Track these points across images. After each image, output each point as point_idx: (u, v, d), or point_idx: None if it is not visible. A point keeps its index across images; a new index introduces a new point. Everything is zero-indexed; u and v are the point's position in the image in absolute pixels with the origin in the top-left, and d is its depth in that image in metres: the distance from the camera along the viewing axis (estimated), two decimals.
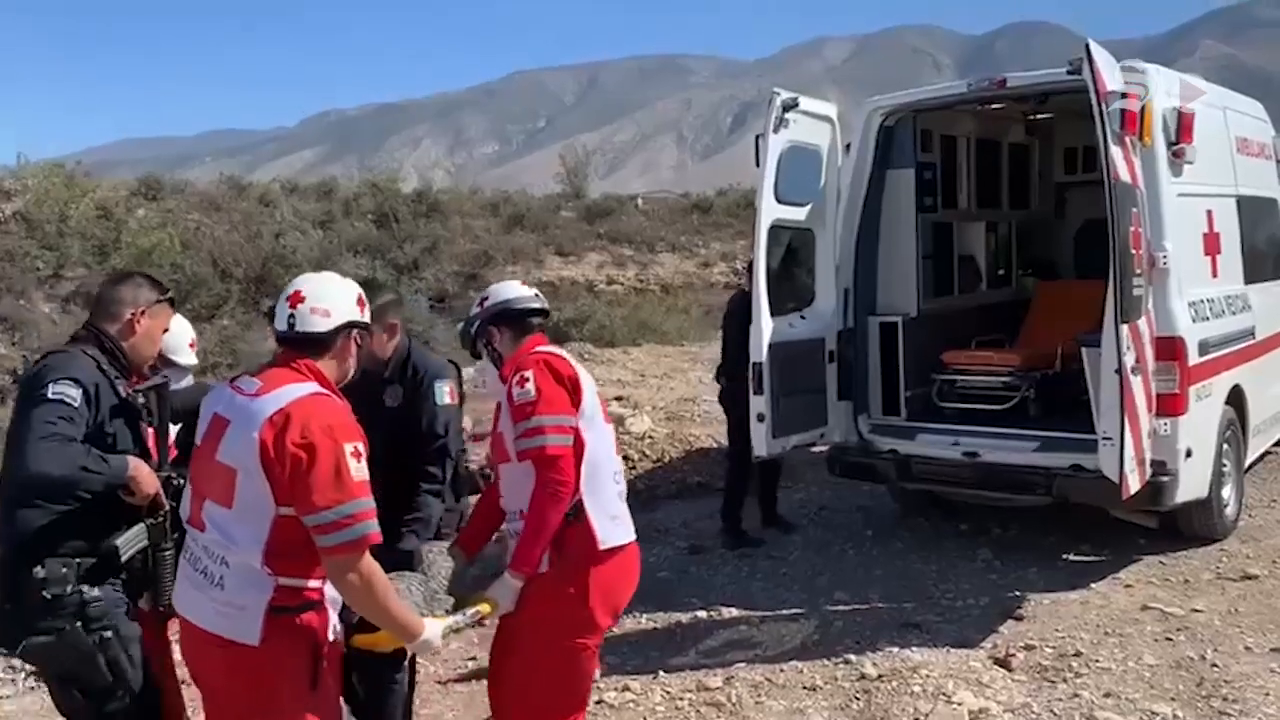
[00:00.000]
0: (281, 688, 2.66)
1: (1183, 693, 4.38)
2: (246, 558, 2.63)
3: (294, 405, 2.64)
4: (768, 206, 6.10)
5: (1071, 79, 5.53)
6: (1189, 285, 5.94)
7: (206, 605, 2.68)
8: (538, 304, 3.46)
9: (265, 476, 2.59)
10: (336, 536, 2.58)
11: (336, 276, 2.99)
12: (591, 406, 3.26)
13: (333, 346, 2.83)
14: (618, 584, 3.28)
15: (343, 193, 27.76)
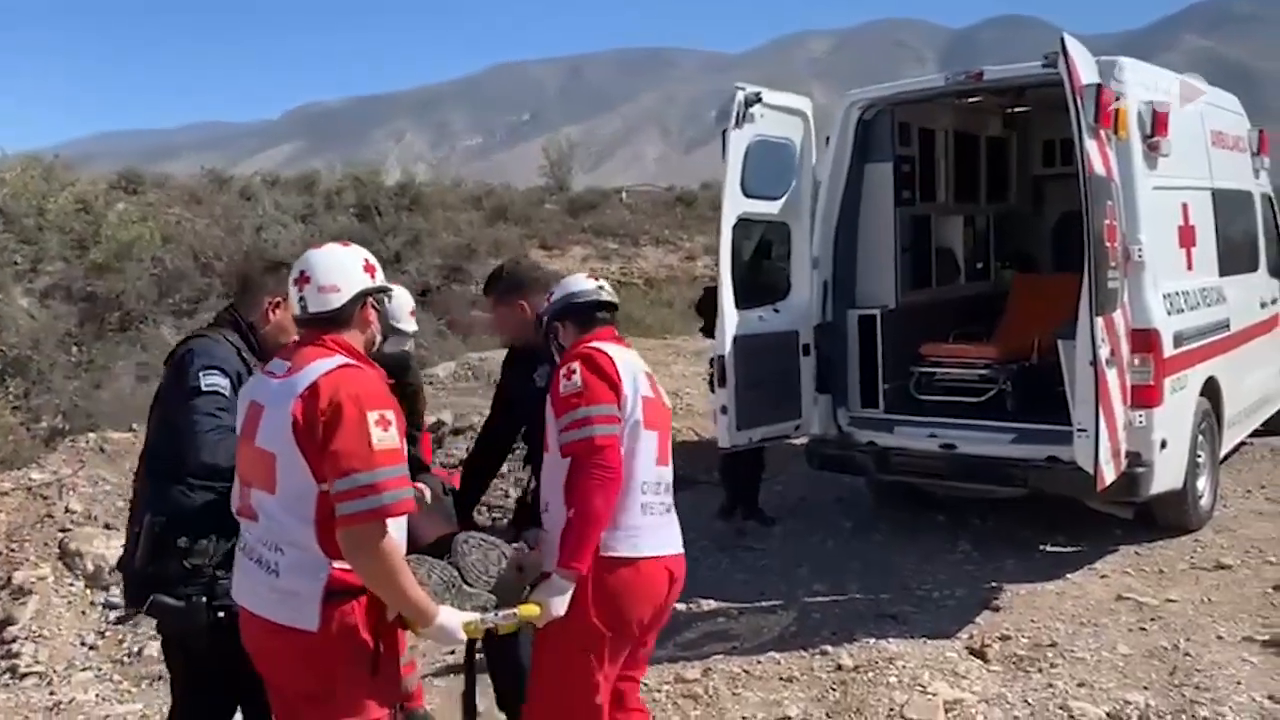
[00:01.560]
0: (340, 673, 2.68)
1: (1155, 681, 4.42)
2: (300, 540, 2.64)
3: (323, 378, 2.65)
4: (732, 200, 6.15)
5: (1047, 72, 5.56)
6: (1164, 278, 5.98)
7: (264, 593, 2.71)
8: (601, 297, 3.35)
9: (301, 454, 2.61)
10: (352, 505, 2.55)
11: (338, 247, 2.93)
12: (631, 411, 3.12)
13: (350, 319, 2.82)
14: (623, 596, 3.08)
15: (324, 186, 27.59)
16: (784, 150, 6.52)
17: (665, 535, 3.20)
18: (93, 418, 10.31)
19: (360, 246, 2.99)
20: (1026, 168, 9.01)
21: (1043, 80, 6.10)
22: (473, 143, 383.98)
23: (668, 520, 3.22)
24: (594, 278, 3.45)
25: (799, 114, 6.57)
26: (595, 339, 3.26)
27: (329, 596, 2.63)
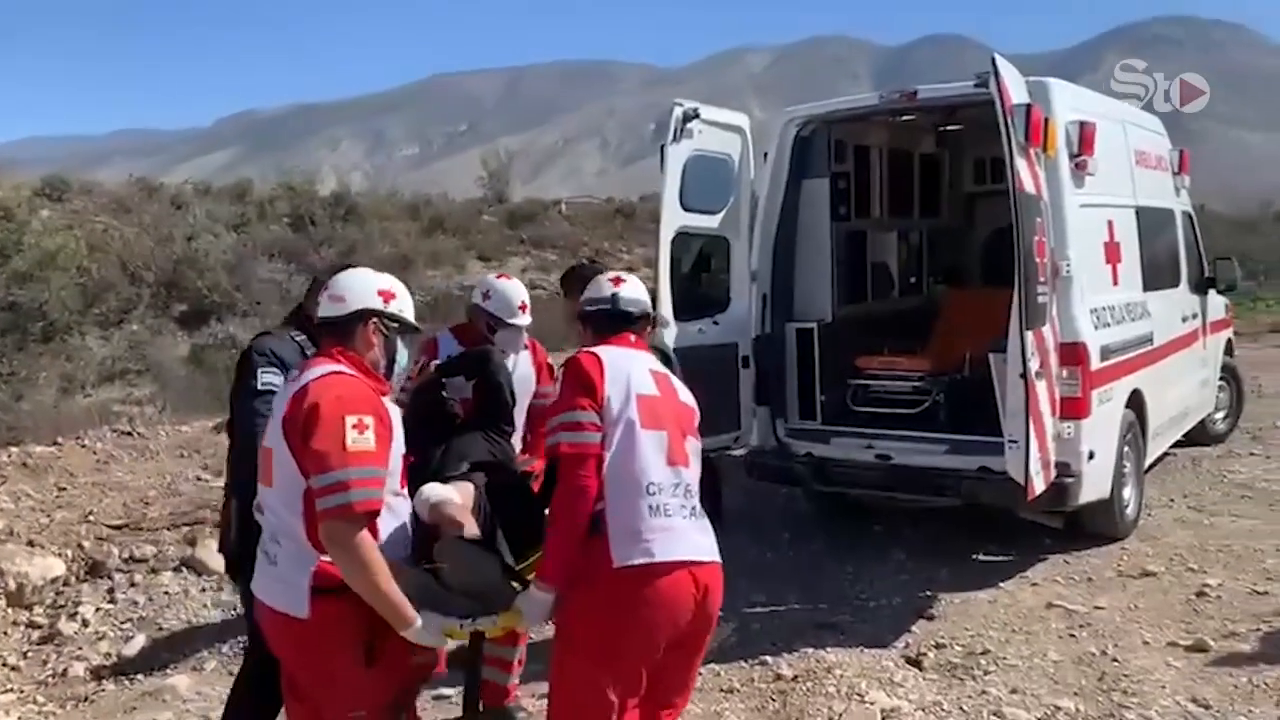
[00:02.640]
0: (334, 660, 2.85)
1: (1085, 687, 4.53)
2: (293, 533, 2.83)
3: (314, 381, 2.85)
4: (670, 214, 6.23)
5: (978, 92, 5.68)
6: (1091, 293, 6.14)
7: (269, 583, 2.92)
8: (608, 305, 3.29)
9: (290, 451, 2.80)
10: (325, 500, 2.71)
11: (365, 269, 3.15)
12: (620, 411, 3.00)
13: (353, 334, 2.97)
14: (632, 607, 2.92)
15: (258, 195, 27.18)
16: (722, 165, 6.59)
17: (685, 540, 3.00)
18: (15, 431, 10.02)
19: (390, 276, 3.13)
20: (958, 185, 9.20)
21: (974, 100, 6.23)
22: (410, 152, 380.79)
23: (690, 524, 3.03)
24: (616, 282, 3.36)
25: (737, 130, 6.66)
26: (608, 344, 3.20)
27: (317, 587, 2.79)
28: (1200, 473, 8.27)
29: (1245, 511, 7.14)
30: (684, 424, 3.17)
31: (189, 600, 6.25)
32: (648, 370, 3.18)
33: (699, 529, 3.07)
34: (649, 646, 2.98)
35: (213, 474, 8.40)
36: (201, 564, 6.66)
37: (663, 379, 3.21)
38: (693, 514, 3.06)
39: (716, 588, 3.08)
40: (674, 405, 3.17)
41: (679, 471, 3.06)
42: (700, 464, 3.20)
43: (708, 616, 3.07)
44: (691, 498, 3.08)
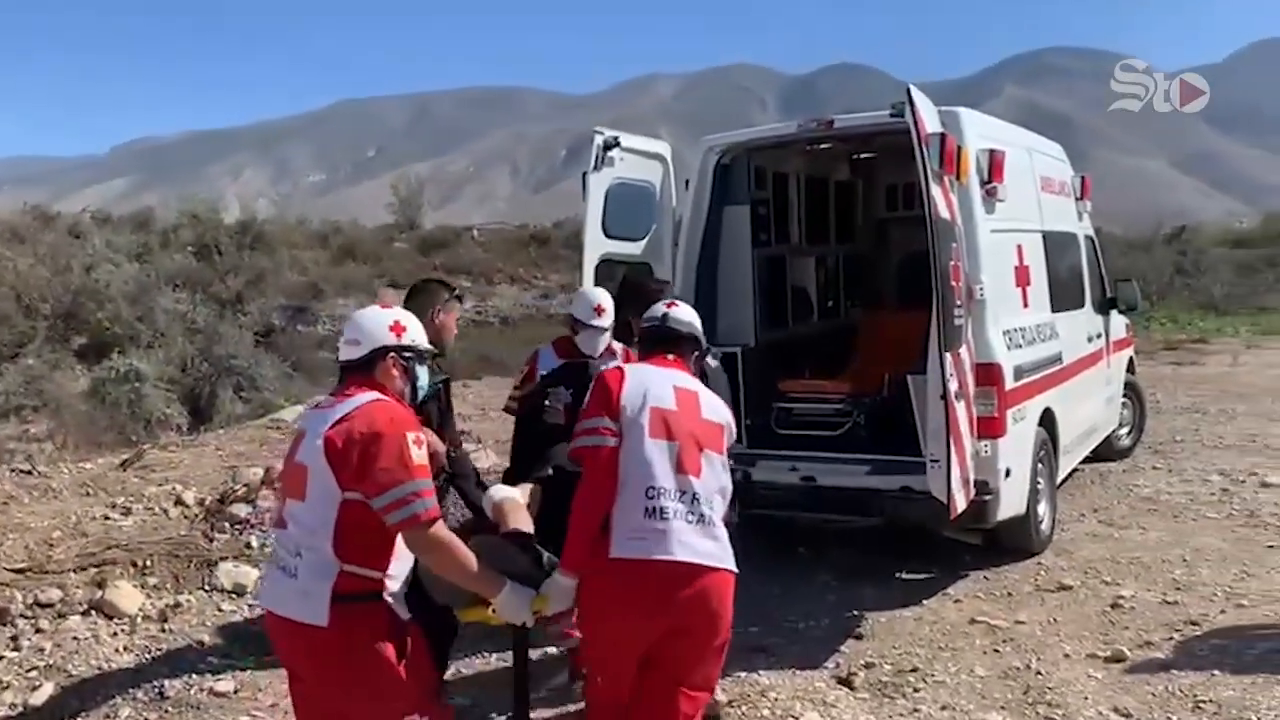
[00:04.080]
0: (355, 671, 2.98)
1: (1011, 701, 4.63)
2: (318, 543, 2.98)
3: (359, 407, 3.03)
4: (593, 240, 6.25)
5: (894, 121, 5.83)
6: (1003, 315, 6.32)
7: (286, 595, 3.03)
8: (647, 324, 3.77)
9: (329, 466, 2.95)
10: (401, 513, 2.93)
11: (375, 308, 3.37)
12: (632, 419, 3.32)
13: (373, 369, 3.18)
14: (600, 598, 3.26)
15: (160, 223, 26.50)
16: (644, 192, 6.64)
17: (681, 542, 3.23)
18: None
19: (402, 310, 3.38)
20: (871, 211, 9.41)
21: (889, 129, 6.39)
22: (316, 179, 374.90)
23: (691, 529, 3.26)
24: (670, 305, 3.80)
25: (658, 157, 6.72)
26: (649, 360, 3.64)
27: (337, 597, 2.95)
28: (1108, 487, 8.55)
29: (1152, 524, 7.40)
30: (704, 439, 3.41)
31: (99, 645, 6.00)
32: (672, 386, 3.47)
33: (702, 534, 3.28)
34: (634, 633, 3.27)
35: (120, 512, 8.11)
36: (112, 607, 6.41)
37: (687, 395, 3.48)
38: (700, 520, 3.29)
39: (717, 590, 3.29)
40: (693, 420, 3.42)
41: (687, 480, 3.30)
42: (722, 477, 3.43)
43: (711, 615, 3.29)
44: (700, 505, 3.31)
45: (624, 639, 3.29)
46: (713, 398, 3.59)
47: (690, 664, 3.35)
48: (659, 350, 3.67)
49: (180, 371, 16.00)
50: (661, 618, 3.23)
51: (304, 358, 19.68)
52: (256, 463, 9.79)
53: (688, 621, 3.26)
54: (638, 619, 3.25)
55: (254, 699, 5.28)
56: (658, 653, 3.30)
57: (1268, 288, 29.60)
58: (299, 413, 3.91)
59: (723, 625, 3.34)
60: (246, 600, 6.79)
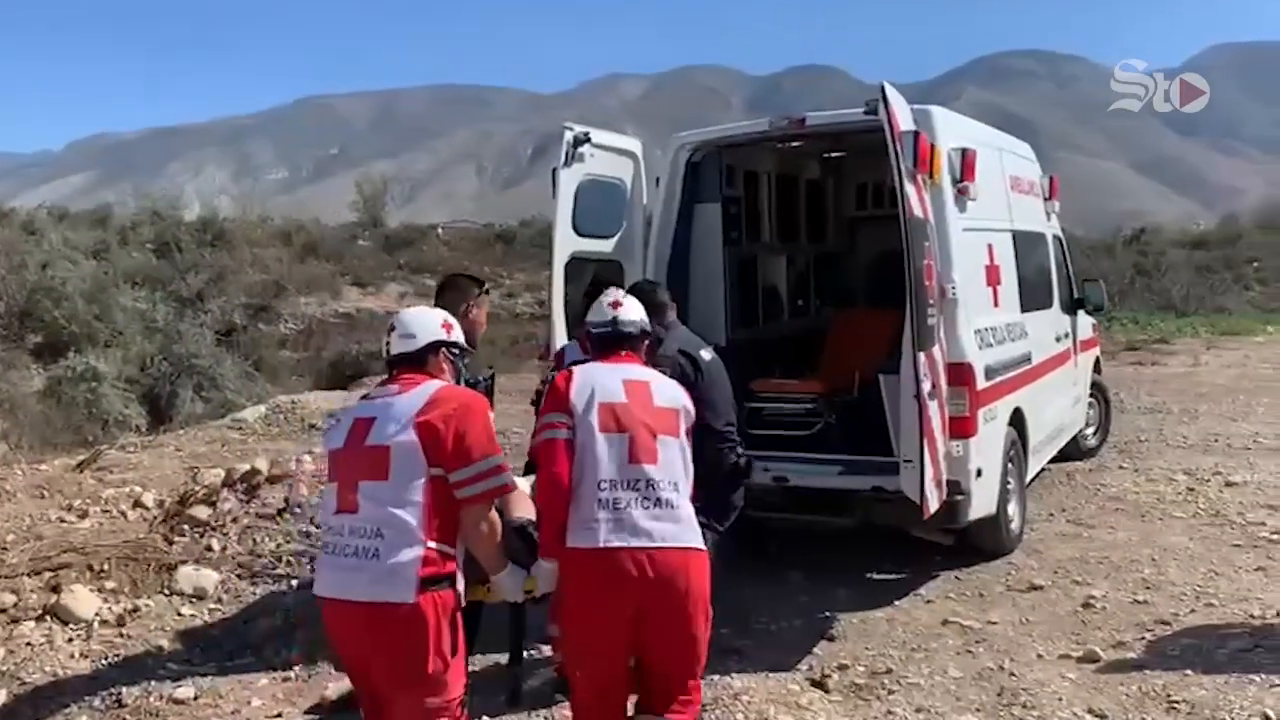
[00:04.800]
0: (430, 649, 3.10)
1: (986, 703, 4.61)
2: (404, 520, 3.10)
3: (439, 391, 3.26)
4: (563, 238, 6.15)
5: (867, 119, 5.80)
6: (975, 314, 6.30)
7: (360, 580, 3.11)
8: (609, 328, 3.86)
9: (422, 448, 3.13)
10: (487, 483, 3.17)
11: (425, 308, 3.70)
12: (582, 416, 3.51)
13: (425, 362, 3.40)
14: (566, 586, 3.47)
15: (119, 220, 26.04)
16: (615, 189, 6.56)
17: (634, 528, 3.40)
18: None
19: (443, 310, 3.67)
20: (841, 210, 9.39)
21: (861, 127, 6.37)
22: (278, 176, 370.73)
23: (645, 514, 3.42)
24: (615, 306, 3.91)
25: (629, 154, 6.64)
26: (602, 359, 3.80)
27: (423, 576, 3.09)
28: (1075, 487, 8.58)
29: (1120, 523, 7.43)
30: (657, 426, 3.56)
31: (54, 651, 5.84)
32: (621, 380, 3.63)
33: (658, 518, 3.44)
34: (599, 619, 3.43)
35: (76, 514, 7.92)
36: (67, 611, 6.25)
37: (638, 386, 3.64)
38: (656, 504, 3.45)
39: (678, 568, 3.42)
40: (646, 410, 3.57)
41: (640, 469, 3.48)
42: (678, 458, 3.58)
43: (675, 593, 3.42)
44: (656, 490, 3.47)
45: (592, 624, 3.45)
46: (666, 384, 3.74)
47: (665, 645, 3.47)
48: (611, 350, 3.81)
49: (139, 371, 15.75)
50: (622, 600, 3.39)
51: (266, 357, 19.41)
52: (217, 464, 9.62)
53: (651, 602, 3.40)
54: (600, 603, 3.41)
55: (215, 706, 5.16)
56: (637, 643, 3.46)
57: (1225, 289, 30.04)
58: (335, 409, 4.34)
59: (691, 602, 3.46)
60: (207, 605, 6.64)
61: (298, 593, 6.82)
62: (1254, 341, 20.41)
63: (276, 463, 8.92)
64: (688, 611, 3.47)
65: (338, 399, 13.79)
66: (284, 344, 21.88)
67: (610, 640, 3.45)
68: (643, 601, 3.40)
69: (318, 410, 12.88)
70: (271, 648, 5.89)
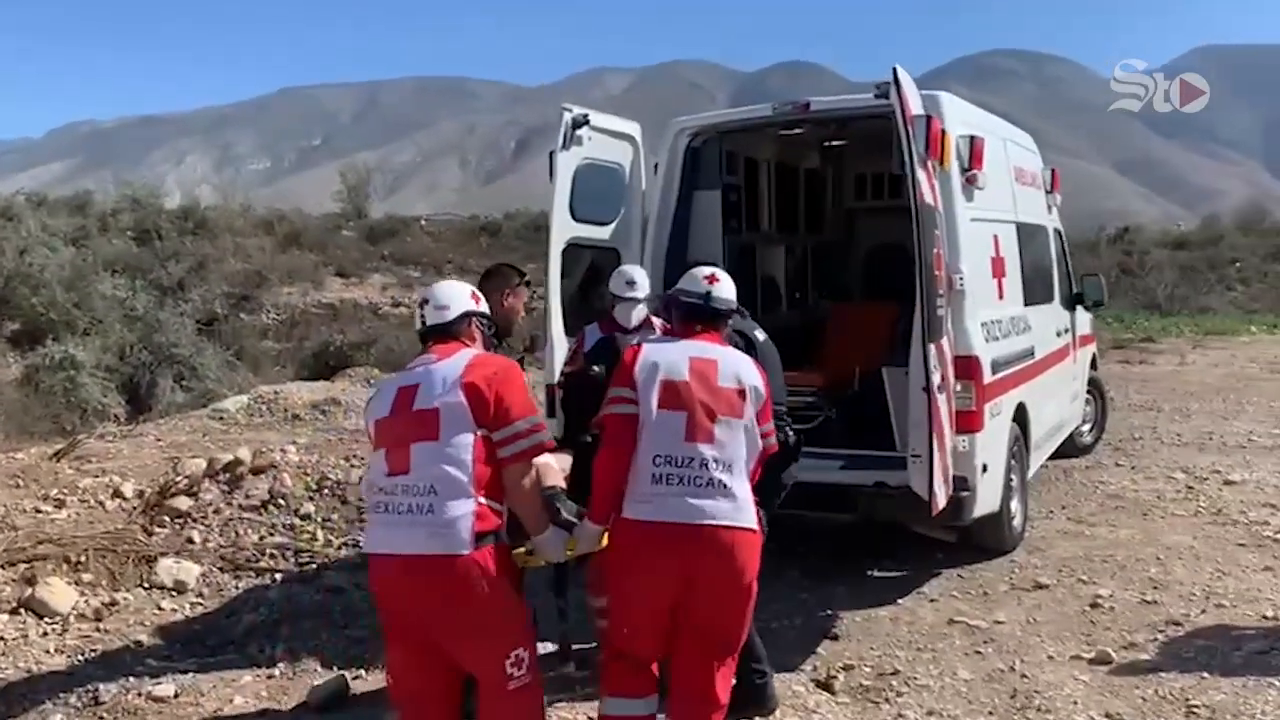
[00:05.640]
0: (498, 590, 3.21)
1: (999, 706, 4.46)
2: (456, 477, 3.20)
3: (476, 357, 3.41)
4: (560, 224, 5.96)
5: (875, 104, 5.65)
6: (981, 307, 6.16)
7: (416, 534, 3.19)
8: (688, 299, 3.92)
9: (470, 409, 3.24)
10: (527, 441, 3.29)
11: (454, 281, 3.82)
12: (644, 393, 3.59)
13: (460, 332, 3.52)
14: (616, 555, 3.59)
15: (98, 207, 25.66)
16: (613, 174, 6.38)
17: (683, 506, 3.48)
18: None
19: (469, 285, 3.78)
20: (840, 200, 9.23)
21: (866, 112, 6.22)
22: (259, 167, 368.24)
23: (697, 492, 3.50)
24: (711, 280, 3.95)
25: (628, 138, 6.45)
26: (676, 335, 3.90)
27: (478, 530, 3.19)
28: (1073, 484, 8.47)
29: (1121, 522, 7.31)
30: (719, 406, 3.59)
31: (28, 646, 5.64)
32: (688, 357, 3.69)
33: (710, 496, 3.51)
34: (645, 586, 3.55)
35: (53, 505, 7.68)
36: (42, 605, 6.04)
37: (704, 364, 3.67)
38: (709, 484, 3.51)
39: (726, 545, 3.50)
40: (707, 389, 3.61)
41: (694, 448, 3.53)
42: (737, 439, 3.60)
43: (721, 569, 3.51)
44: (710, 470, 3.52)
45: (640, 590, 3.56)
46: (736, 363, 3.74)
47: (707, 616, 3.56)
48: (692, 323, 3.87)
49: (118, 359, 15.44)
50: (669, 572, 3.49)
51: (247, 347, 19.14)
52: (199, 454, 9.39)
53: (697, 578, 3.49)
54: (648, 571, 3.52)
55: (196, 705, 4.97)
56: (681, 613, 3.55)
57: (1209, 289, 30.17)
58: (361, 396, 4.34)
59: (735, 578, 3.54)
60: (188, 599, 6.45)
61: (281, 587, 6.63)
62: (1239, 341, 20.46)
63: (260, 453, 8.71)
64: (732, 590, 3.56)
65: (321, 390, 13.55)
66: (266, 334, 21.60)
67: (653, 606, 3.56)
68: (689, 576, 3.50)
69: (300, 401, 12.65)
70: (255, 644, 5.71)
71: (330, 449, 9.59)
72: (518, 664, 3.28)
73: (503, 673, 3.25)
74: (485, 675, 3.29)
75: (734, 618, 3.64)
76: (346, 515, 7.79)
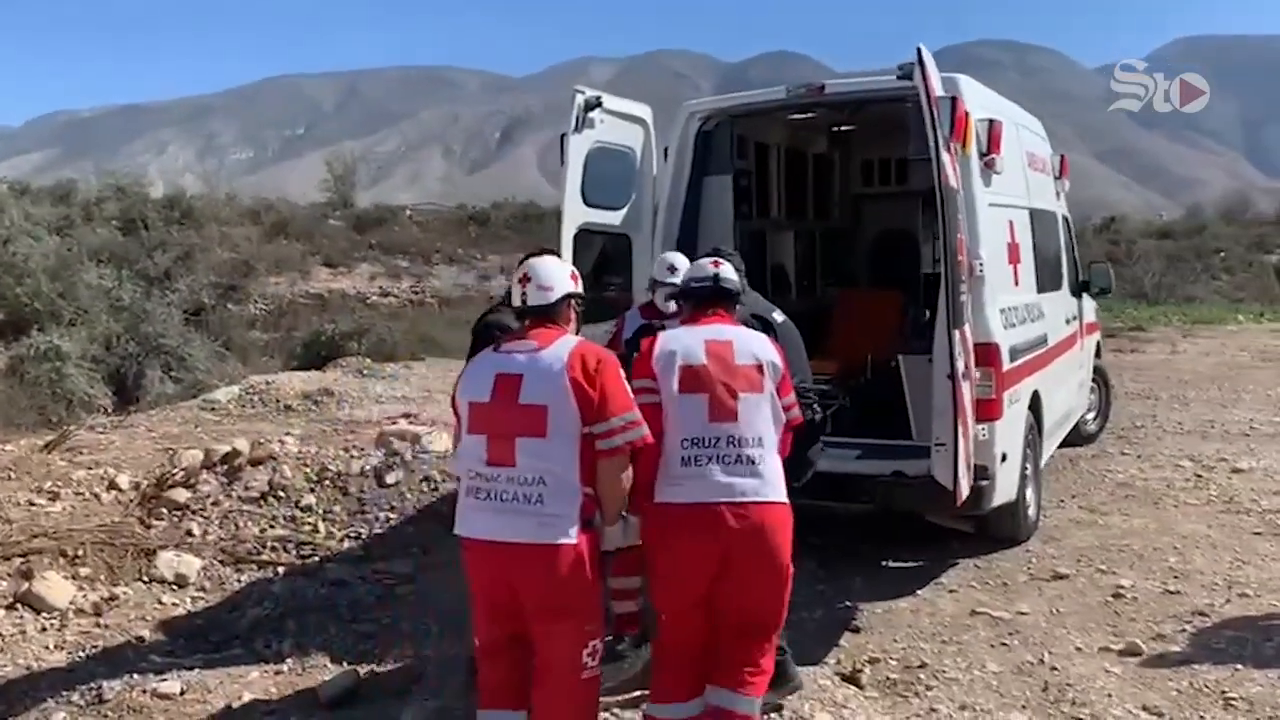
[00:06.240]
0: (588, 583, 3.34)
1: (1032, 700, 4.37)
2: (564, 472, 3.31)
3: (578, 348, 3.40)
4: (573, 209, 5.81)
5: (890, 87, 5.55)
6: (999, 293, 6.06)
7: (525, 523, 3.29)
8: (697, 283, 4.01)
9: (576, 404, 3.30)
10: (623, 436, 3.34)
11: (553, 258, 3.71)
12: (664, 380, 3.65)
13: (558, 314, 3.51)
14: (653, 537, 3.60)
15: (83, 196, 25.31)
16: (624, 158, 6.24)
17: (714, 484, 3.53)
18: None
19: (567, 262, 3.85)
20: (847, 186, 9.11)
21: (883, 95, 6.11)
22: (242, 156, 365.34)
23: (727, 470, 3.55)
24: (716, 264, 4.04)
25: (639, 121, 6.31)
26: (689, 320, 3.96)
27: (582, 518, 3.31)
28: (1081, 473, 8.40)
29: (1134, 510, 7.24)
30: (739, 384, 3.64)
31: (27, 643, 5.49)
32: (703, 341, 3.75)
33: (739, 473, 3.56)
34: (683, 567, 3.58)
35: (47, 497, 7.51)
36: (39, 600, 5.88)
37: (720, 345, 3.72)
38: (736, 461, 3.57)
39: (758, 520, 3.53)
40: (725, 369, 3.66)
41: (719, 427, 3.59)
42: (761, 414, 3.65)
43: (755, 544, 3.53)
44: (737, 447, 3.58)
45: (677, 573, 3.59)
46: (751, 341, 3.80)
47: (744, 600, 3.58)
48: (704, 307, 3.93)
49: (105, 350, 15.21)
50: (706, 552, 3.52)
51: (235, 337, 18.92)
52: (193, 445, 9.22)
53: (734, 555, 3.52)
54: (683, 554, 3.56)
55: (203, 701, 4.83)
56: (717, 590, 3.57)
57: (1195, 278, 30.29)
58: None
59: (770, 551, 3.55)
60: (189, 592, 6.30)
61: (284, 580, 6.50)
62: (1227, 330, 20.51)
63: (258, 444, 8.55)
64: (768, 569, 3.57)
65: (313, 380, 13.38)
66: (253, 324, 21.38)
67: (693, 587, 3.58)
68: (726, 554, 3.52)
69: (292, 391, 12.47)
70: (261, 639, 5.58)
71: (328, 440, 9.44)
72: (593, 654, 3.39)
73: (579, 660, 3.35)
74: (561, 661, 3.36)
75: (772, 599, 3.64)
76: (348, 507, 7.65)
